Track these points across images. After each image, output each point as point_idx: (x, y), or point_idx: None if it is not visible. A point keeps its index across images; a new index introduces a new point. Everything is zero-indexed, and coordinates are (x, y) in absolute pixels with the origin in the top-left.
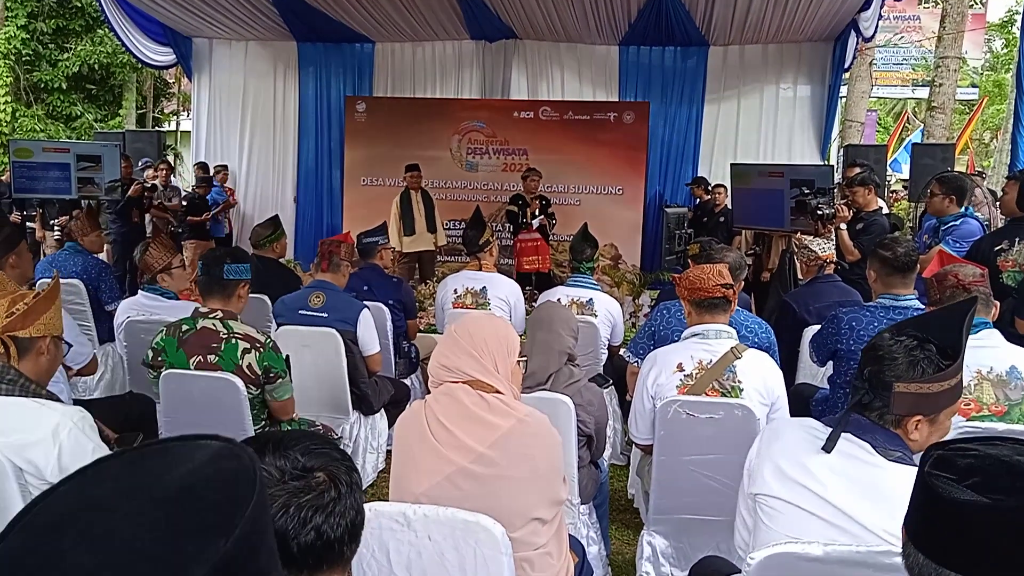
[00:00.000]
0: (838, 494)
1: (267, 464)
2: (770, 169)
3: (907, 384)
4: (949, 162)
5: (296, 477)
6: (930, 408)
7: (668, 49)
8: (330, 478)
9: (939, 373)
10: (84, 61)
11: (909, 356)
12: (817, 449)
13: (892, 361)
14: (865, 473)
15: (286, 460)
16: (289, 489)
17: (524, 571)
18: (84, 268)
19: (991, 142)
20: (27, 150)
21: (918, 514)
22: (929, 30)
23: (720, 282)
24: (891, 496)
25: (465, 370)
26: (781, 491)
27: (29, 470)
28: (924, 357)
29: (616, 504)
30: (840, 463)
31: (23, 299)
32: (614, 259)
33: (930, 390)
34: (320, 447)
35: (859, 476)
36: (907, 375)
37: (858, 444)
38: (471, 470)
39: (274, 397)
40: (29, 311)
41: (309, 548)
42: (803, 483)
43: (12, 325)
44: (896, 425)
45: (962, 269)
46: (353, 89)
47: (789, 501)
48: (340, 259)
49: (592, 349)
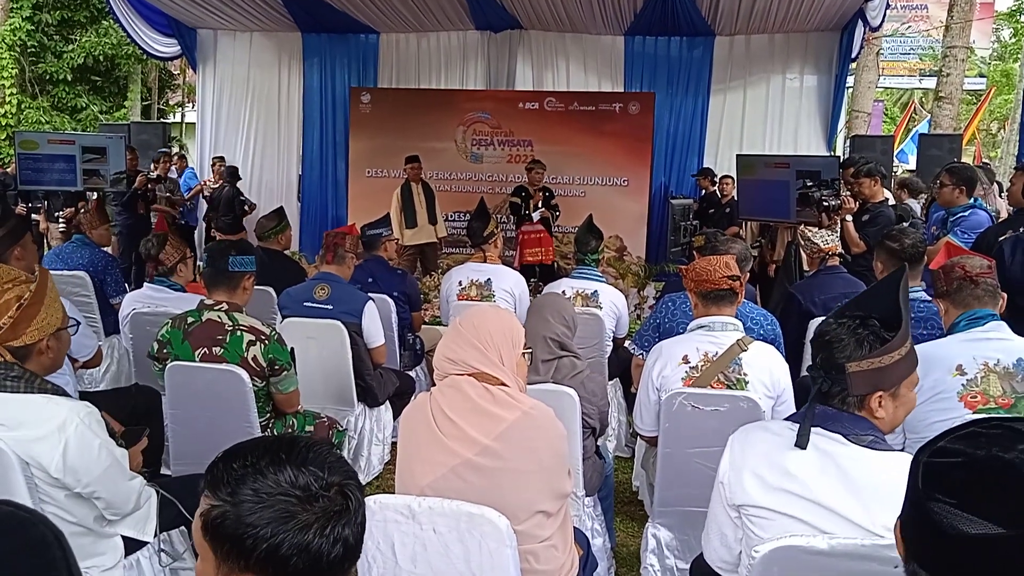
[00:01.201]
0: (824, 493)
1: (288, 482)
2: (776, 160)
3: (859, 363)
4: (956, 153)
5: (319, 496)
6: (888, 382)
7: (674, 39)
8: (348, 489)
9: (886, 344)
10: (89, 53)
11: (855, 335)
12: (791, 448)
13: (840, 343)
14: (844, 466)
15: (308, 475)
16: (318, 511)
17: (529, 563)
18: (91, 260)
19: (998, 132)
20: (32, 142)
21: (921, 539)
22: (937, 19)
23: (727, 274)
24: (873, 487)
25: (470, 363)
26: (767, 500)
27: (35, 465)
28: (869, 333)
29: (621, 496)
30: (818, 460)
31: (7, 311)
32: (619, 251)
33: (882, 363)
34: (330, 455)
35: (839, 471)
36: (857, 354)
37: (829, 437)
38: (476, 462)
39: (279, 389)
40: (16, 322)
41: (337, 562)
42: (787, 488)
43: (4, 338)
44: (860, 407)
45: (969, 261)
46: (358, 80)
47: (777, 510)
48: (345, 251)
49: (597, 341)
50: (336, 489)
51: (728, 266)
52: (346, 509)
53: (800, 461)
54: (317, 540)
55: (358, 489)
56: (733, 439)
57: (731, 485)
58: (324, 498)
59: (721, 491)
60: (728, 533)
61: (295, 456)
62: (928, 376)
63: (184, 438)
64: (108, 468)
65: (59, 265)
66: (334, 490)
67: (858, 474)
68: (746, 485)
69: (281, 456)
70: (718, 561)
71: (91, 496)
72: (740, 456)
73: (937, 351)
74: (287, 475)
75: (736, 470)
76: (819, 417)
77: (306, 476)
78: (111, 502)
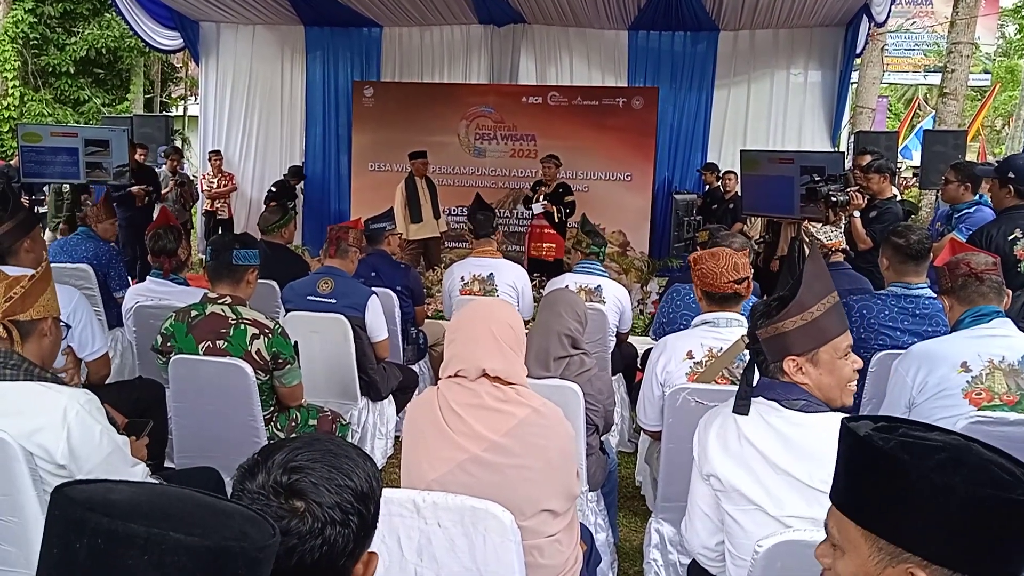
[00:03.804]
0: (769, 451)
1: (320, 503)
2: (780, 156)
3: (764, 330)
4: (961, 149)
5: (355, 511)
6: (798, 347)
7: (678, 34)
8: (369, 487)
9: (782, 311)
10: (92, 45)
11: (762, 306)
12: (746, 419)
13: (753, 315)
14: (778, 428)
15: (342, 494)
16: (361, 524)
17: (533, 557)
18: (95, 254)
19: (1003, 129)
20: (35, 134)
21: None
22: (941, 15)
23: (732, 278)
24: (807, 446)
25: (483, 363)
26: (728, 464)
27: (39, 454)
28: (772, 304)
29: (624, 491)
30: (761, 423)
31: (19, 283)
32: (622, 246)
33: (782, 328)
34: (346, 450)
35: (775, 432)
36: (762, 322)
37: (768, 404)
38: (484, 458)
39: (283, 383)
40: (27, 293)
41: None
42: (742, 452)
43: (12, 309)
44: (780, 372)
45: (974, 257)
46: (361, 74)
47: (738, 474)
48: (348, 245)
49: (600, 336)
50: (368, 482)
51: (735, 269)
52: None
53: (748, 426)
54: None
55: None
56: (702, 420)
57: (699, 457)
58: (365, 509)
59: (696, 468)
60: (710, 513)
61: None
62: (933, 373)
63: (188, 431)
64: (110, 455)
65: (63, 258)
66: (368, 485)
67: (792, 434)
68: (710, 453)
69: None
70: (700, 547)
71: None
72: (704, 431)
73: (942, 348)
74: (323, 502)
75: (702, 443)
76: (760, 387)
77: (340, 496)
78: None
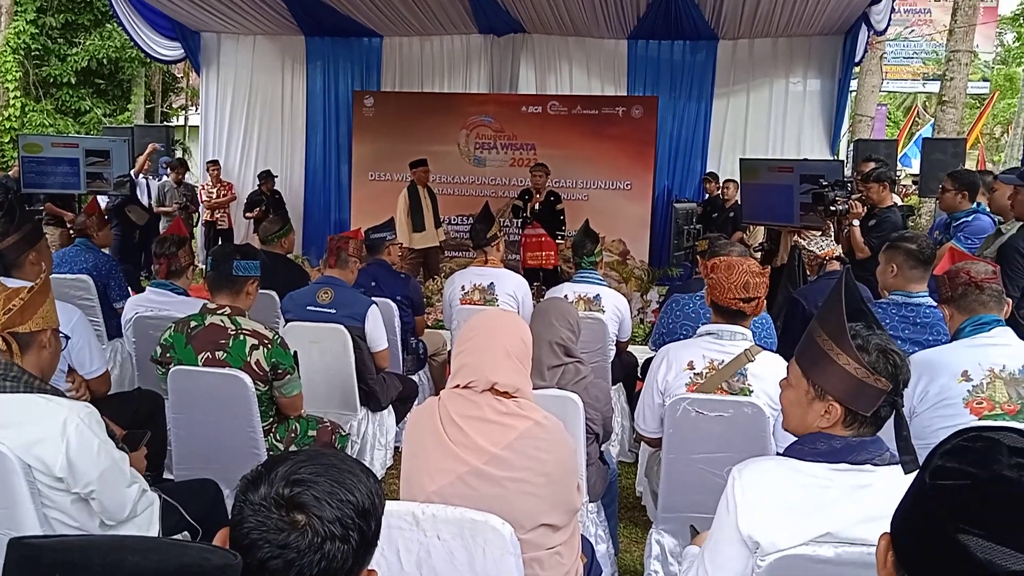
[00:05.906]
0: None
1: (321, 518)
2: (779, 164)
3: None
4: (960, 157)
5: (355, 527)
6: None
7: (677, 43)
8: (371, 503)
9: None
10: (93, 56)
11: None
12: (825, 489)
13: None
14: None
15: (343, 509)
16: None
17: (533, 570)
18: (95, 264)
19: (1002, 136)
20: (36, 145)
21: (939, 567)
22: (940, 23)
23: (739, 296)
24: None
25: (494, 377)
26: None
27: (38, 467)
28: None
29: (624, 502)
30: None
31: (18, 295)
32: (622, 254)
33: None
34: (349, 466)
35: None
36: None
37: (858, 470)
38: (484, 471)
39: (282, 393)
40: (26, 305)
41: None
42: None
43: (12, 321)
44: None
45: (974, 266)
46: (361, 83)
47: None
48: (348, 255)
49: (600, 345)
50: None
51: (745, 288)
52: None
53: (840, 502)
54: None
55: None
56: (740, 472)
57: (750, 521)
58: (366, 525)
59: (733, 517)
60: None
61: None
62: (934, 382)
63: (187, 442)
64: (106, 470)
65: (63, 269)
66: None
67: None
68: (771, 526)
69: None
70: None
71: (89, 496)
72: (757, 494)
73: (942, 357)
74: (325, 517)
75: (755, 507)
76: (833, 452)
77: (341, 510)
78: (106, 506)
